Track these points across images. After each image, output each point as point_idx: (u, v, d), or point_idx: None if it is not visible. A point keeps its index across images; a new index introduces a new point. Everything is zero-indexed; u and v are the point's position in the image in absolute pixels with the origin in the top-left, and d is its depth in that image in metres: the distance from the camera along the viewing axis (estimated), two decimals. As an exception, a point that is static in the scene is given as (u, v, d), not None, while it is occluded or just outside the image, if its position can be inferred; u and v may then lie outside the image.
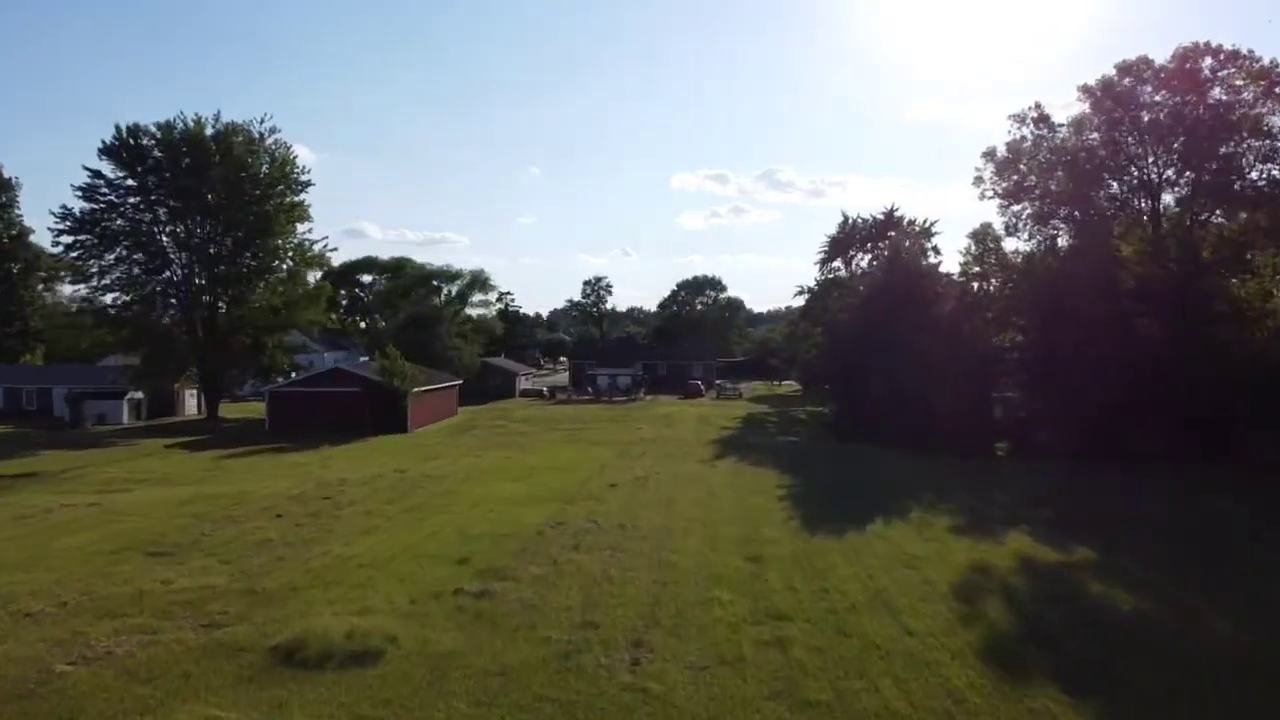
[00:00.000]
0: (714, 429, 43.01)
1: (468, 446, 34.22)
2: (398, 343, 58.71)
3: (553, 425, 44.87)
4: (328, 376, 40.79)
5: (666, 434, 39.63)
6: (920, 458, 31.03)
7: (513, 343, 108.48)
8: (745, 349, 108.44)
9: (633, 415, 52.26)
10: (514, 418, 50.03)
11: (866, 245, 63.74)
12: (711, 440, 36.91)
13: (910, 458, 31.25)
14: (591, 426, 44.17)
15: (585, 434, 39.71)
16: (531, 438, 38.09)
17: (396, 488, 23.32)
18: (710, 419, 49.20)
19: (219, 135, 45.74)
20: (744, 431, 42.28)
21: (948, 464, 29.91)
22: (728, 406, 61.49)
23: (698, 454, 31.71)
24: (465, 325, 69.19)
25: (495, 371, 70.47)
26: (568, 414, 53.60)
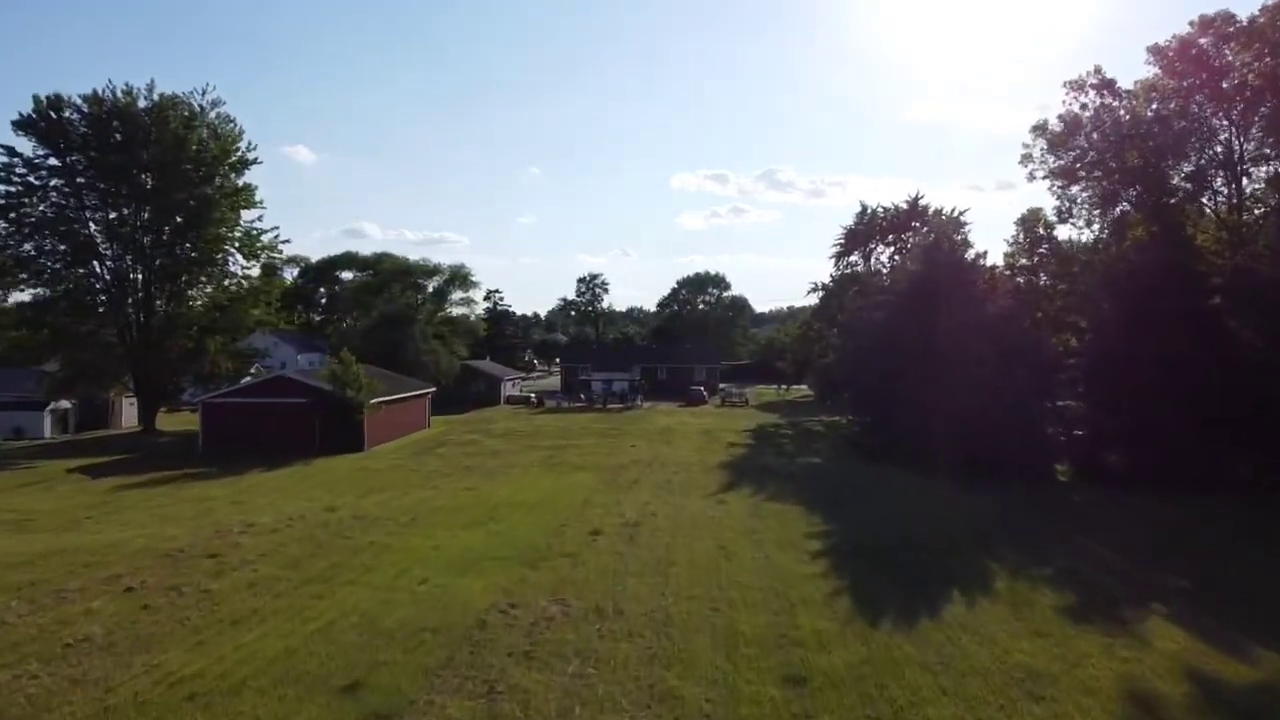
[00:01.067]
0: (720, 446, 38.02)
1: (427, 473, 29.23)
2: (367, 345, 53.90)
3: (535, 441, 39.86)
4: (270, 385, 35.81)
5: (665, 454, 34.64)
6: (971, 486, 26.08)
7: (502, 344, 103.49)
8: (750, 351, 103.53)
9: (628, 428, 47.27)
10: (493, 431, 45.00)
11: (887, 237, 58.83)
12: (719, 463, 31.91)
13: (959, 486, 26.30)
14: (579, 443, 39.16)
15: (570, 454, 34.70)
16: (506, 459, 33.08)
17: (312, 539, 18.30)
18: (716, 433, 44.21)
19: (153, 108, 40.76)
20: (755, 449, 37.28)
21: (1007, 496, 24.94)
22: (734, 416, 56.48)
23: (703, 483, 26.70)
24: (444, 325, 64.18)
25: (477, 376, 65.46)
26: (555, 426, 48.59)
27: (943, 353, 31.01)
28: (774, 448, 37.98)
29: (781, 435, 44.80)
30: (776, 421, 53.26)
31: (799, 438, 43.28)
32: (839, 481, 27.78)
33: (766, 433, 45.87)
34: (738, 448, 37.62)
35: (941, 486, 26.54)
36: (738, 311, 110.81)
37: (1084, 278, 32.81)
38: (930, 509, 22.79)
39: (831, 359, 53.92)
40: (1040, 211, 37.99)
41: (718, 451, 35.82)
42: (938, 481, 27.42)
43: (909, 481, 27.49)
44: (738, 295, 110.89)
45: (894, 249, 57.58)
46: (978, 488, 26.29)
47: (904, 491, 25.71)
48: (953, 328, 30.80)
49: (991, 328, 30.90)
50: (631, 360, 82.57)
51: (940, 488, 26.28)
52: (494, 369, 69.07)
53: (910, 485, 26.88)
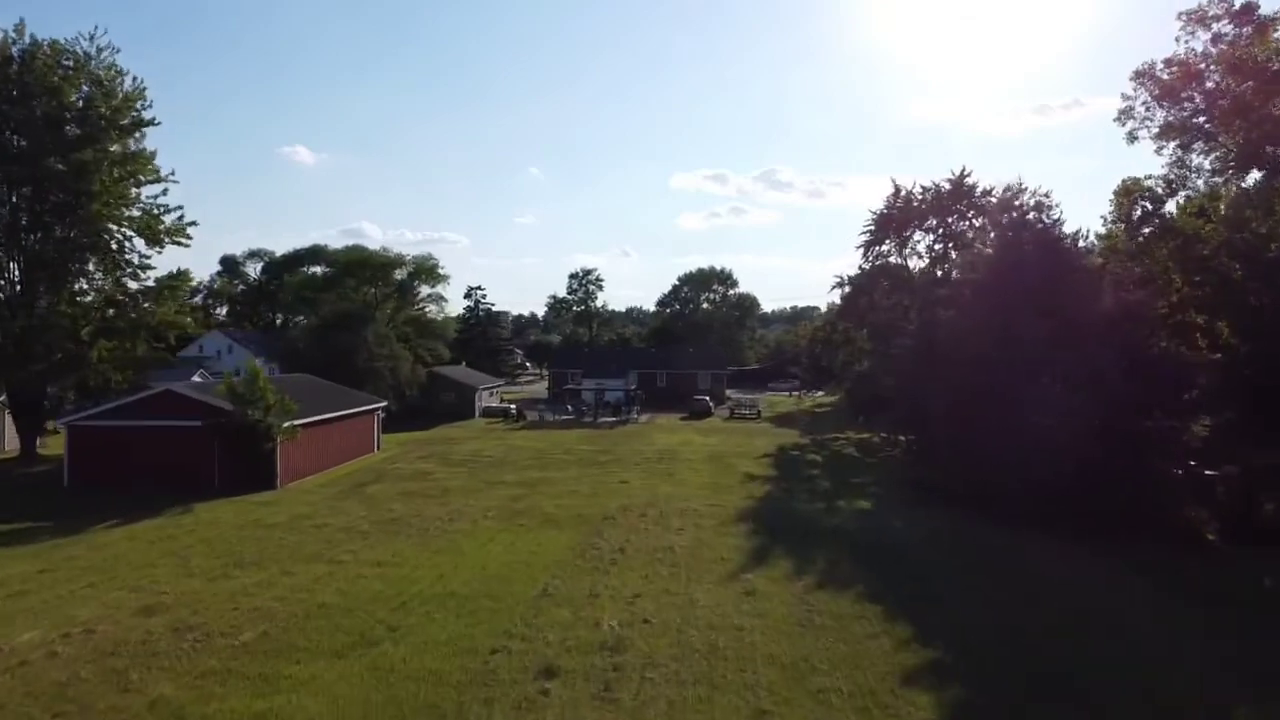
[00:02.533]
0: (735, 480, 30.72)
1: (338, 529, 21.87)
2: (314, 350, 46.66)
3: (500, 473, 32.52)
4: (155, 402, 28.48)
5: (665, 494, 27.33)
6: (1106, 552, 18.96)
7: (487, 346, 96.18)
8: (759, 354, 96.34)
9: (620, 450, 39.95)
10: (452, 456, 37.65)
11: (926, 222, 51.51)
12: (737, 512, 24.60)
13: (1085, 552, 19.26)
14: (557, 475, 31.85)
15: (541, 494, 27.37)
16: (455, 503, 25.74)
17: (54, 693, 10.99)
18: (727, 458, 36.89)
19: (25, 56, 33.47)
20: (782, 486, 29.96)
21: (1170, 574, 17.73)
22: (746, 432, 49.18)
23: (718, 551, 19.39)
24: (408, 326, 56.92)
25: (447, 385, 58.13)
26: (532, 448, 41.27)
27: (1040, 364, 23.80)
28: (805, 483, 30.63)
29: (809, 461, 37.43)
30: (798, 440, 45.96)
31: (833, 466, 35.91)
32: (910, 545, 20.43)
33: (790, 457, 38.53)
34: (758, 482, 30.28)
35: (1058, 552, 19.33)
36: (745, 311, 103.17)
37: (1219, 262, 25.48)
38: (1075, 604, 15.51)
39: (866, 367, 46.62)
40: (1142, 182, 30.70)
41: (733, 489, 28.49)
42: (1049, 541, 20.25)
43: (1012, 546, 20.21)
44: (744, 293, 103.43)
45: (936, 235, 50.29)
46: (1113, 555, 19.08)
47: (1016, 568, 18.40)
48: (1055, 330, 23.55)
49: (1107, 331, 23.59)
50: (627, 365, 75.26)
51: (1058, 554, 19.07)
52: (467, 376, 61.73)
53: (1016, 554, 19.58)
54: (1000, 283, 25.57)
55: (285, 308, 59.26)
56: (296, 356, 47.15)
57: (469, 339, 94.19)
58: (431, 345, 58.95)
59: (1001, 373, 24.13)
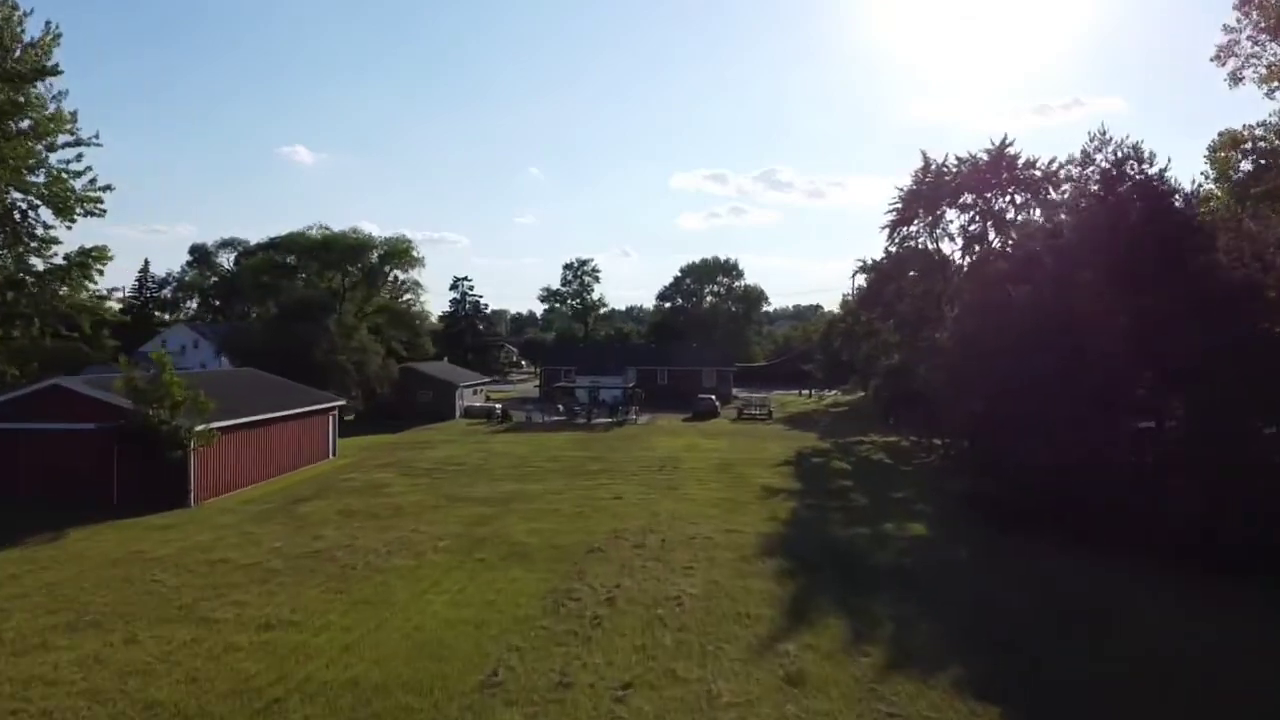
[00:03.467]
0: (751, 494, 25.84)
1: (229, 570, 16.91)
2: (269, 343, 41.85)
3: (470, 485, 27.65)
4: (42, 400, 23.67)
5: (667, 514, 22.45)
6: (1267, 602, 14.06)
7: (475, 342, 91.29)
8: (767, 351, 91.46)
9: (615, 456, 35.10)
10: (418, 464, 32.77)
11: (961, 198, 46.58)
12: (759, 540, 19.73)
13: (1235, 601, 14.29)
14: (536, 488, 26.99)
15: (513, 515, 22.49)
16: (405, 527, 20.84)
17: None
18: (739, 466, 32.03)
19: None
20: (809, 502, 25.08)
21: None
22: (758, 435, 44.34)
23: (741, 601, 14.53)
24: (379, 316, 52.04)
25: (424, 383, 53.23)
26: (514, 453, 36.41)
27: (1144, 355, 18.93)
28: (836, 498, 25.71)
29: (836, 470, 32.53)
30: (818, 444, 41.08)
31: (865, 476, 31.00)
32: (997, 591, 15.53)
33: (813, 465, 33.65)
34: (780, 497, 25.38)
35: (1205, 601, 14.44)
36: (752, 304, 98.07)
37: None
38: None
39: (896, 361, 41.74)
40: (1242, 134, 25.86)
41: (751, 507, 23.59)
42: (1175, 586, 15.41)
43: (1127, 590, 15.31)
44: (751, 285, 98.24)
45: (973, 214, 45.35)
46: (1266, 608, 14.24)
47: (1156, 624, 13.48)
48: (1165, 312, 18.66)
49: (1231, 312, 18.66)
50: (625, 361, 70.45)
51: (1209, 609, 14.16)
52: (447, 373, 56.82)
53: (1146, 602, 14.68)
54: (1093, 253, 20.63)
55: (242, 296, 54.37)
56: (251, 350, 42.32)
57: (455, 333, 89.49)
58: (408, 338, 53.95)
59: (1093, 366, 19.26)
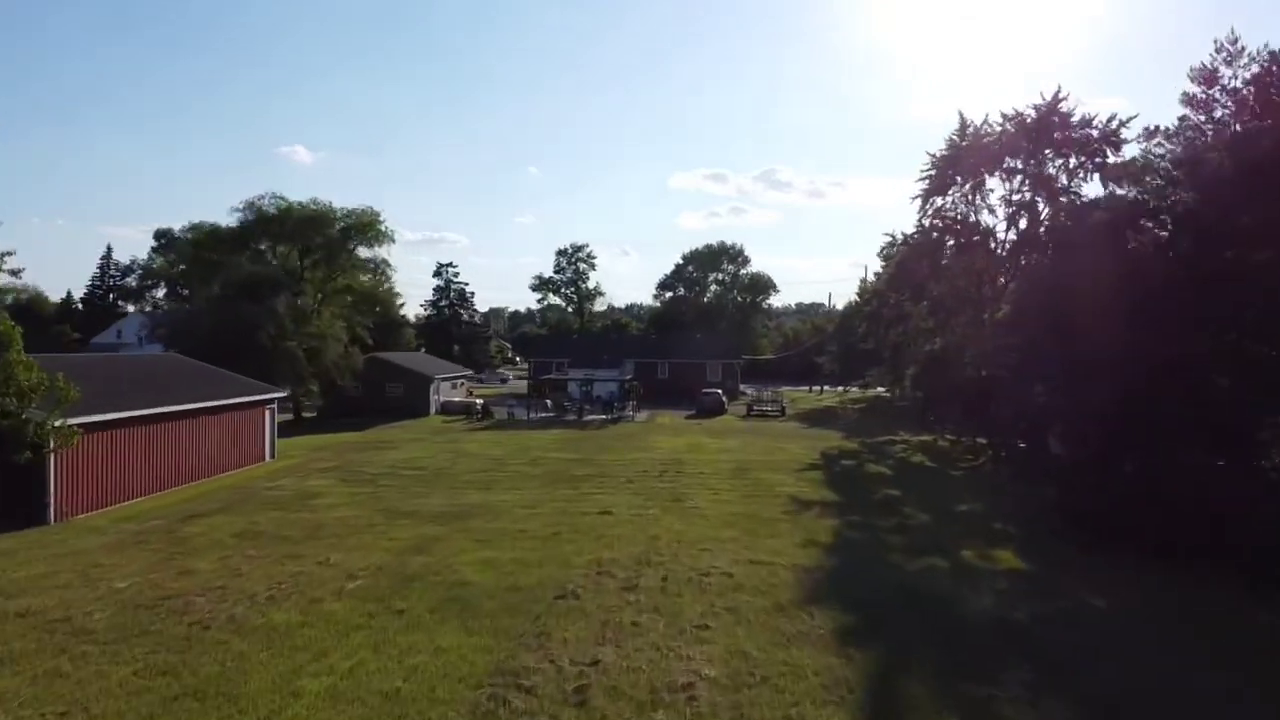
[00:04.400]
0: (778, 506, 20.65)
1: (12, 633, 11.79)
2: (211, 326, 36.72)
3: (424, 494, 22.50)
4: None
5: (670, 537, 17.28)
6: None
7: (461, 334, 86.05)
8: (777, 344, 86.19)
9: (607, 457, 29.95)
10: (367, 469, 27.61)
11: (1004, 164, 41.34)
12: (799, 569, 14.61)
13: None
14: (505, 499, 21.85)
15: (464, 538, 17.32)
16: (307, 559, 15.62)
17: None
18: (756, 470, 26.86)
19: None
20: (853, 517, 19.89)
21: None
22: (772, 433, 39.19)
23: (786, 687, 9.40)
24: (340, 298, 46.78)
25: (394, 374, 48.04)
26: (488, 456, 31.28)
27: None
28: (887, 513, 20.48)
29: (875, 476, 27.31)
30: (844, 444, 35.93)
31: (913, 482, 25.79)
32: (1184, 672, 10.32)
33: (845, 469, 28.47)
34: (814, 512, 20.18)
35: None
36: (760, 292, 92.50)
37: None
38: None
39: (938, 347, 36.50)
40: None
41: (779, 527, 18.36)
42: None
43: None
44: (759, 273, 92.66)
45: (1021, 179, 40.10)
46: None
47: None
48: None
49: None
50: (623, 354, 65.31)
51: None
52: (421, 364, 51.62)
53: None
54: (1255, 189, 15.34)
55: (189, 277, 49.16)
56: (189, 336, 37.18)
57: (439, 324, 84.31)
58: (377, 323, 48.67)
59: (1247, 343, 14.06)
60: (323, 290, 46.02)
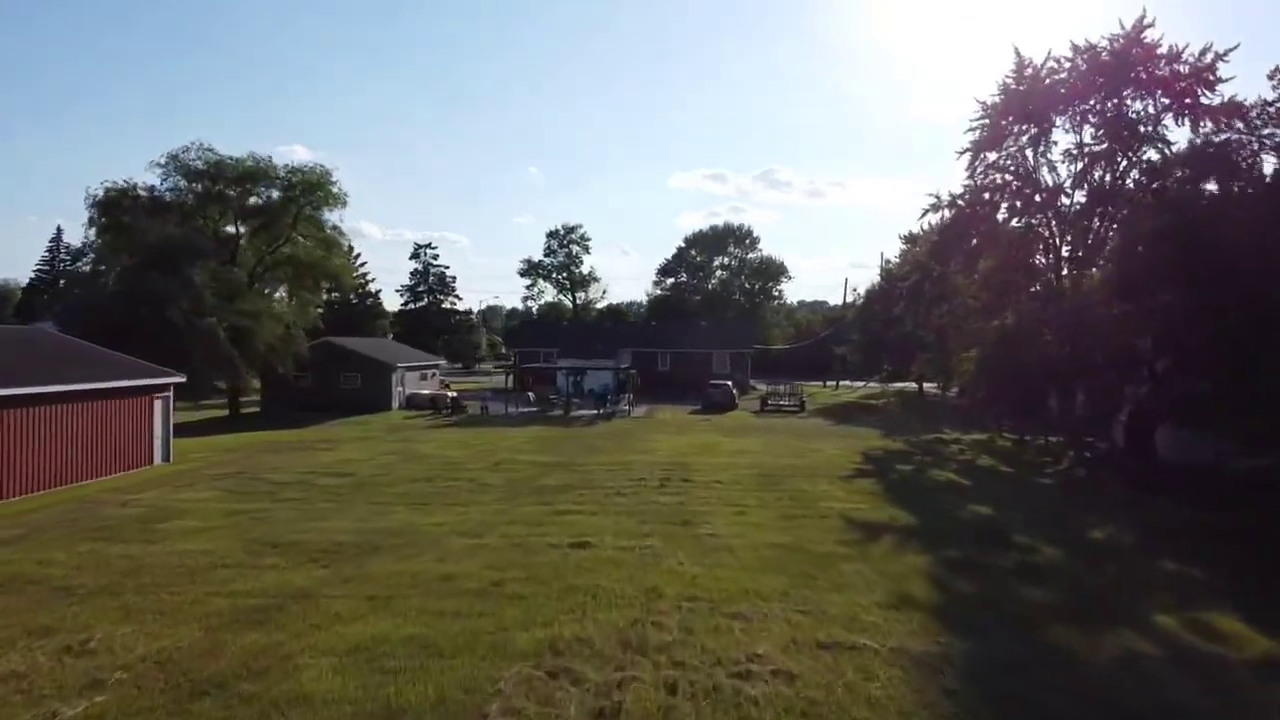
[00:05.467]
0: (831, 533, 14.50)
1: None
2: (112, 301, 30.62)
3: (333, 513, 16.44)
4: None
5: (680, 587, 11.29)
6: None
7: (443, 323, 79.86)
8: (789, 335, 79.92)
9: (593, 461, 23.81)
10: (274, 477, 21.46)
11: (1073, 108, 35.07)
12: (900, 661, 8.60)
13: None
14: (443, 519, 15.82)
15: (349, 593, 11.25)
16: (58, 632, 9.59)
17: None
18: (789, 476, 20.69)
19: None
20: (942, 544, 13.76)
21: None
22: (794, 430, 33.09)
23: None
24: (283, 270, 40.52)
25: (350, 362, 41.87)
26: (445, 456, 25.22)
27: None
28: (997, 545, 14.17)
29: (947, 485, 21.13)
30: (887, 443, 29.84)
31: (1002, 496, 19.52)
32: None
33: (903, 476, 22.26)
34: (887, 543, 14.01)
35: None
36: (770, 277, 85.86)
37: None
38: None
39: (1009, 323, 30.26)
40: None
41: (844, 571, 12.13)
42: None
43: None
44: (769, 257, 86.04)
45: (1097, 125, 33.87)
46: None
47: None
48: None
49: None
50: (619, 343, 59.26)
51: None
52: (382, 351, 45.41)
53: None
54: None
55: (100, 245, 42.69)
56: (90, 311, 31.07)
57: (416, 312, 78.16)
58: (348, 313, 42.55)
59: None
60: (263, 262, 39.79)
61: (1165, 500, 18.64)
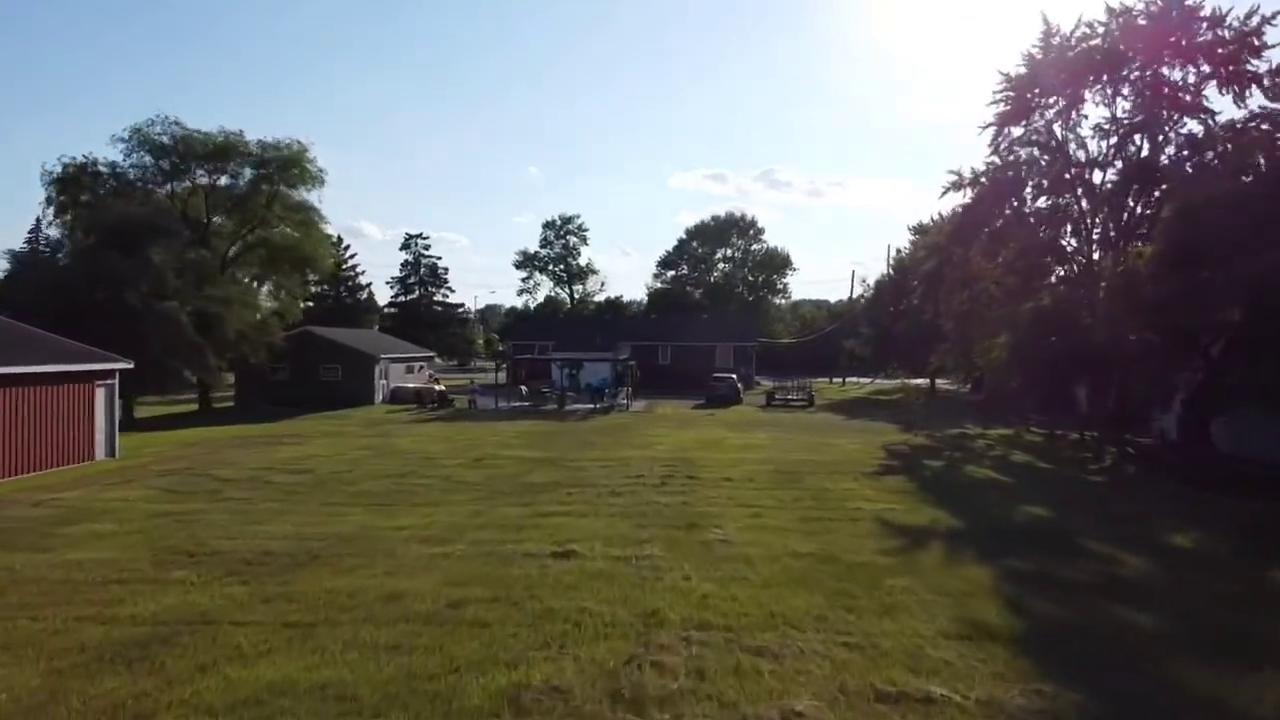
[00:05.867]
0: (867, 540, 12.19)
1: None
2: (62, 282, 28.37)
3: (278, 514, 14.16)
4: None
5: (690, 605, 9.09)
6: None
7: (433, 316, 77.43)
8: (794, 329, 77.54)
9: (585, 458, 21.51)
10: (221, 473, 19.17)
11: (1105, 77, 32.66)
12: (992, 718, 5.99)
13: None
14: (407, 523, 13.58)
15: (260, 623, 8.89)
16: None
17: None
18: (808, 473, 18.38)
19: None
20: (1002, 553, 11.46)
21: None
22: (804, 425, 30.80)
23: None
24: (255, 252, 38.11)
25: (330, 353, 39.54)
26: (424, 450, 22.94)
27: None
28: (1074, 559, 11.81)
29: (988, 484, 18.84)
30: (908, 438, 27.46)
31: (1054, 495, 17.17)
32: None
33: (936, 473, 19.94)
34: (937, 551, 11.69)
35: None
36: (775, 269, 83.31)
37: None
38: None
39: (1048, 303, 27.92)
40: None
41: (893, 588, 9.77)
42: None
43: None
44: (774, 248, 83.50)
45: (1133, 93, 31.53)
46: None
47: None
48: None
49: None
50: (618, 336, 56.90)
51: None
52: (365, 342, 43.07)
53: None
54: None
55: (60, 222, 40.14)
56: (39, 292, 28.75)
57: (407, 304, 75.82)
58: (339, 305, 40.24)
59: None
60: (235, 245, 37.40)
61: (1237, 500, 16.36)
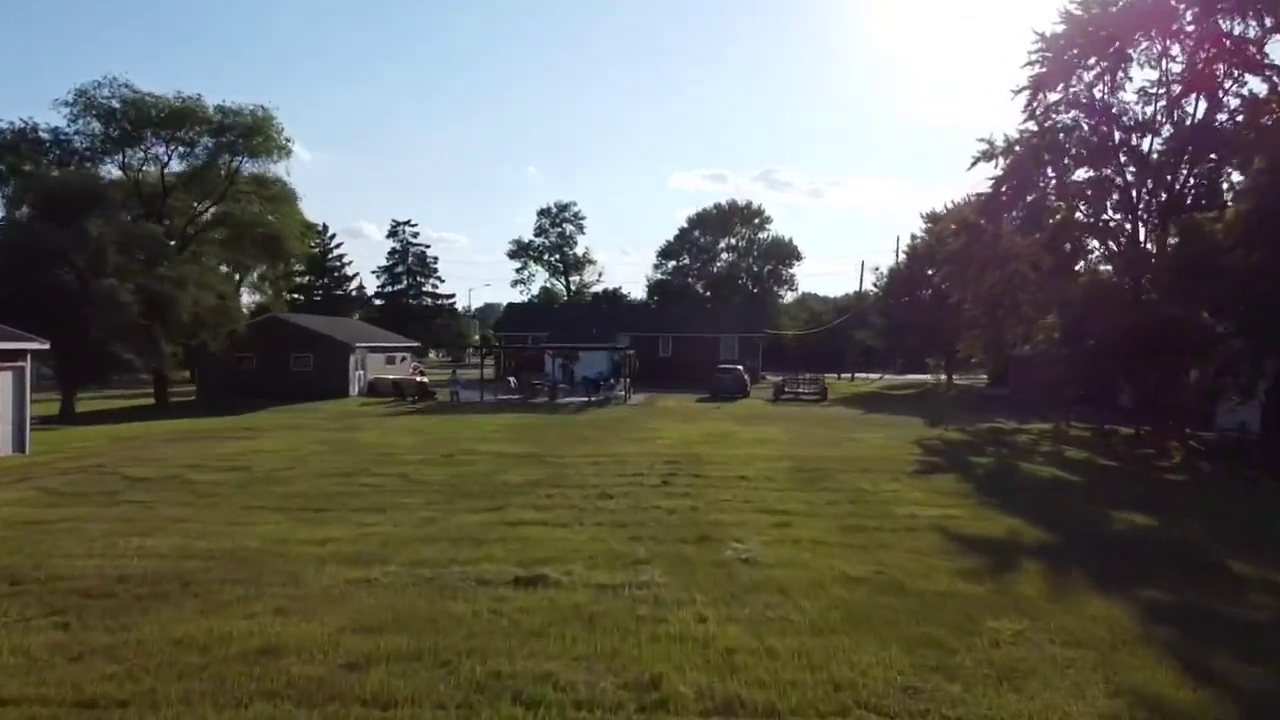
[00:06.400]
0: (936, 560, 9.25)
1: None
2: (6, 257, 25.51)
3: (170, 524, 11.26)
4: None
5: (708, 669, 6.10)
6: None
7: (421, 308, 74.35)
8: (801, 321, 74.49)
9: (574, 454, 18.55)
10: (135, 472, 16.24)
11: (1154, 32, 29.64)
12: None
13: None
14: (335, 533, 10.67)
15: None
16: None
17: None
18: (833, 469, 15.43)
19: None
20: (1121, 577, 8.59)
21: None
22: (818, 420, 27.87)
23: None
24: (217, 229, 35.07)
25: (301, 341, 36.50)
26: (391, 445, 20.08)
27: None
28: (1230, 590, 8.87)
29: (1056, 485, 15.85)
30: (942, 433, 24.44)
31: (1142, 499, 14.21)
32: None
33: (989, 472, 16.97)
34: (1038, 575, 8.70)
35: None
36: (783, 260, 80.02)
37: None
38: None
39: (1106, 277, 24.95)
40: None
41: (1000, 636, 6.82)
42: None
43: None
44: (779, 236, 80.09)
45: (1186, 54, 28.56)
46: None
47: None
48: None
49: None
50: (616, 327, 53.97)
51: None
52: (340, 330, 40.00)
53: None
54: None
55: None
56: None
57: (393, 295, 72.80)
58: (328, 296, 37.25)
59: None
60: (193, 221, 34.41)
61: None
